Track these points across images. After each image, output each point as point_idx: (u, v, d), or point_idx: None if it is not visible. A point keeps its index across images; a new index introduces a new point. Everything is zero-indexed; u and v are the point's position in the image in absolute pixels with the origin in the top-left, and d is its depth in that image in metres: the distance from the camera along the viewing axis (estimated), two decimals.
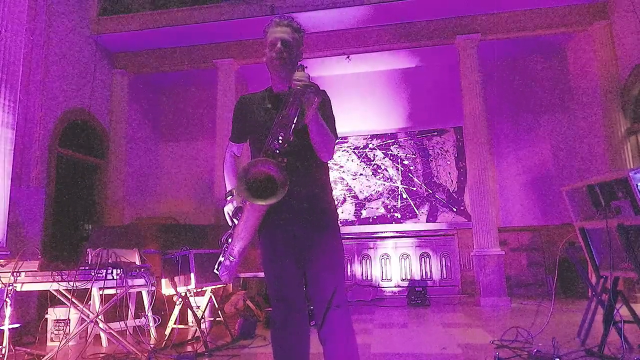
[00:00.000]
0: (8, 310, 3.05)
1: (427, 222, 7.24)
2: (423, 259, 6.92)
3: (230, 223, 1.76)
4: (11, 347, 3.24)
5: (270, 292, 1.77)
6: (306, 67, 1.62)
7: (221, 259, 1.75)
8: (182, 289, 3.58)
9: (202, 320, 3.87)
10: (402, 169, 7.46)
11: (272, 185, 1.52)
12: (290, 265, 1.72)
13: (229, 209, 1.76)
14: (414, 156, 7.47)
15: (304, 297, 1.77)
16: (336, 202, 1.86)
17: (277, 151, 1.58)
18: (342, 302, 1.69)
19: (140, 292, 4.24)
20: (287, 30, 1.75)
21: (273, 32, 1.76)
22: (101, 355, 3.38)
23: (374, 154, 7.58)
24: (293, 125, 1.58)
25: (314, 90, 1.52)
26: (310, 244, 1.71)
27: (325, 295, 1.67)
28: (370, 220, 7.36)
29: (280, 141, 1.58)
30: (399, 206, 7.37)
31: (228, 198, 1.79)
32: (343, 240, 1.83)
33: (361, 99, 7.57)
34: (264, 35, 1.80)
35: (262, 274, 4.94)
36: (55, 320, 3.92)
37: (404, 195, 7.38)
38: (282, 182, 1.50)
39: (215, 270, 1.78)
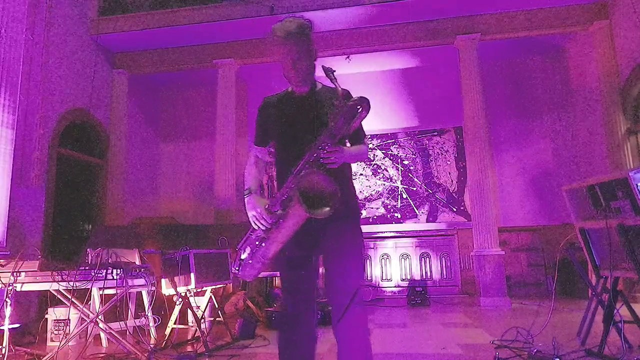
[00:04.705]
0: (8, 310, 3.05)
1: (427, 222, 7.24)
2: (423, 259, 6.92)
3: (261, 225, 1.70)
4: (11, 347, 3.24)
5: (285, 286, 1.77)
6: (335, 72, 1.65)
7: (249, 260, 1.73)
8: (182, 289, 3.58)
9: (202, 320, 3.87)
10: (402, 169, 7.46)
11: (324, 196, 1.56)
12: (308, 262, 1.73)
13: (255, 212, 1.70)
14: (414, 156, 7.47)
15: (316, 295, 1.78)
16: None
17: (322, 159, 1.61)
18: (361, 300, 1.71)
19: (140, 292, 4.24)
20: (300, 40, 1.70)
21: (285, 44, 1.69)
22: (101, 355, 3.38)
23: (374, 154, 7.58)
24: (339, 135, 1.62)
25: (366, 107, 1.58)
26: (334, 243, 1.72)
27: (347, 293, 1.68)
28: (370, 220, 7.37)
29: (325, 150, 1.61)
30: (399, 206, 7.37)
31: (246, 195, 1.77)
32: None
33: None
34: (273, 39, 1.73)
35: (262, 274, 4.94)
36: (55, 320, 3.92)
37: (404, 195, 7.38)
38: (335, 196, 1.54)
39: (235, 270, 1.77)
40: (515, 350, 3.07)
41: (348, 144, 1.80)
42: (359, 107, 1.58)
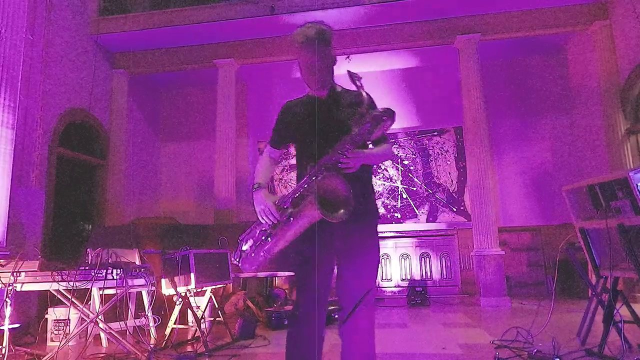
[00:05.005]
0: (8, 310, 3.05)
1: (427, 222, 7.24)
2: (423, 259, 6.92)
3: (268, 219, 1.70)
4: (11, 347, 3.24)
5: (298, 284, 1.78)
6: (362, 79, 1.70)
7: (251, 253, 1.74)
8: (182, 289, 3.58)
9: (202, 320, 3.87)
10: (402, 169, 7.46)
11: (339, 200, 1.57)
12: (323, 262, 1.73)
13: (264, 207, 1.69)
14: (414, 156, 7.47)
15: (328, 295, 1.78)
16: None
17: (340, 164, 1.61)
18: (370, 303, 1.72)
19: (140, 292, 4.24)
20: (318, 46, 1.72)
21: (303, 49, 1.72)
22: (101, 355, 3.38)
23: None
24: (362, 141, 1.63)
25: (392, 118, 1.61)
26: (351, 247, 1.73)
27: (356, 294, 1.69)
28: None
29: (345, 156, 1.61)
30: (399, 206, 7.37)
31: (255, 189, 1.78)
32: None
33: None
34: (292, 44, 1.75)
35: (262, 274, 4.94)
36: (55, 320, 3.92)
37: (404, 195, 7.38)
38: (348, 200, 1.56)
39: (235, 261, 1.78)
40: (515, 350, 3.07)
41: (371, 146, 1.80)
42: (384, 117, 1.60)
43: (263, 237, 1.72)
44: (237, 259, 1.78)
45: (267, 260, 1.74)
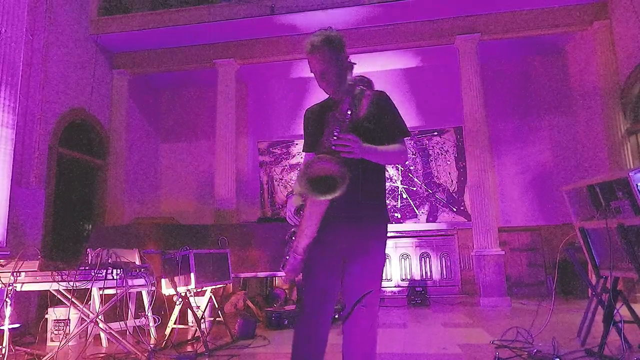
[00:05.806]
0: (8, 310, 3.05)
1: (427, 222, 7.23)
2: (423, 259, 6.92)
3: (291, 222, 1.76)
4: (11, 347, 3.24)
5: (304, 284, 1.78)
6: (355, 64, 1.70)
7: (286, 256, 1.77)
8: (182, 289, 3.58)
9: (202, 320, 3.87)
10: (402, 169, 7.46)
11: (331, 180, 1.53)
12: (330, 263, 1.73)
13: (289, 207, 1.78)
14: (414, 156, 7.47)
15: (335, 297, 1.78)
16: None
17: (334, 147, 1.58)
18: (371, 304, 1.73)
19: (140, 292, 4.24)
20: (325, 52, 1.73)
21: (311, 57, 1.74)
22: (101, 355, 3.38)
23: None
24: (347, 120, 1.60)
25: (367, 85, 1.59)
26: (356, 247, 1.73)
27: (358, 294, 1.71)
28: None
29: (335, 137, 1.58)
30: (399, 206, 7.37)
31: (287, 196, 1.83)
32: None
33: None
34: (305, 51, 1.78)
35: (262, 274, 4.95)
36: (55, 320, 3.91)
37: (404, 195, 7.38)
38: (341, 177, 1.51)
39: (281, 267, 1.81)
40: (515, 350, 3.07)
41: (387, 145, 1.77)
42: (358, 85, 1.58)
43: (288, 238, 1.75)
44: (282, 266, 1.80)
45: (300, 262, 1.73)
